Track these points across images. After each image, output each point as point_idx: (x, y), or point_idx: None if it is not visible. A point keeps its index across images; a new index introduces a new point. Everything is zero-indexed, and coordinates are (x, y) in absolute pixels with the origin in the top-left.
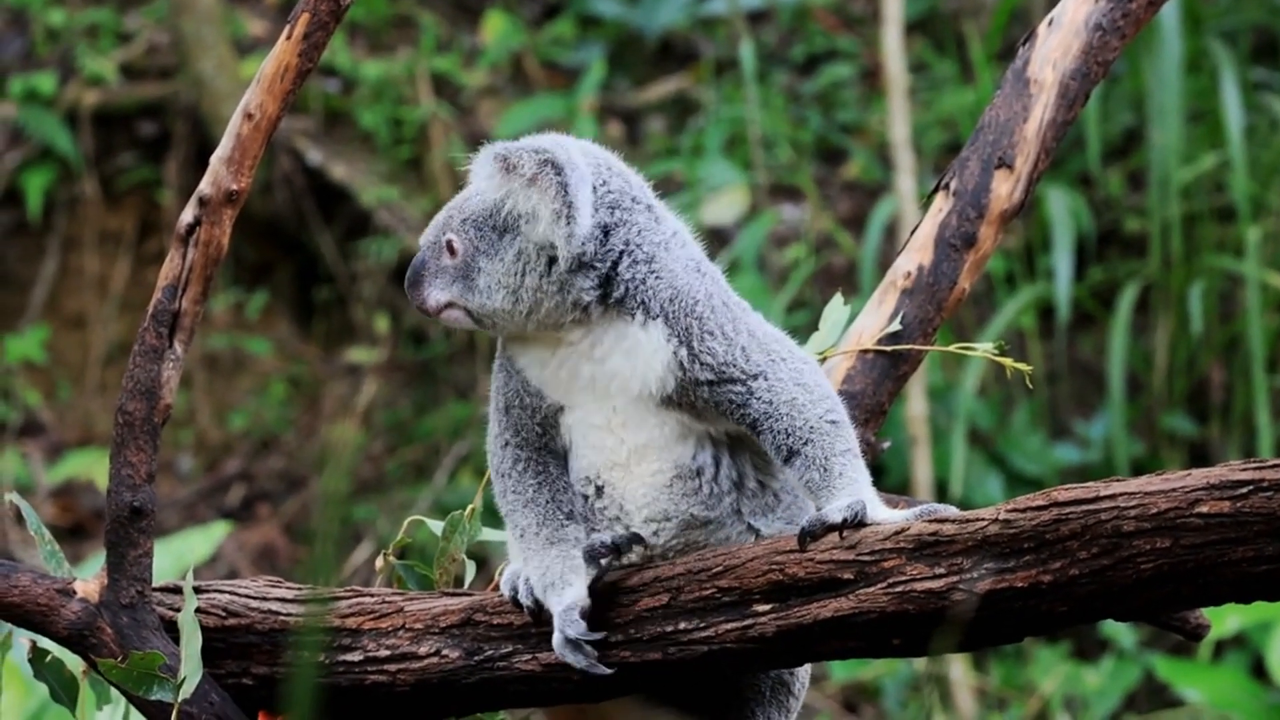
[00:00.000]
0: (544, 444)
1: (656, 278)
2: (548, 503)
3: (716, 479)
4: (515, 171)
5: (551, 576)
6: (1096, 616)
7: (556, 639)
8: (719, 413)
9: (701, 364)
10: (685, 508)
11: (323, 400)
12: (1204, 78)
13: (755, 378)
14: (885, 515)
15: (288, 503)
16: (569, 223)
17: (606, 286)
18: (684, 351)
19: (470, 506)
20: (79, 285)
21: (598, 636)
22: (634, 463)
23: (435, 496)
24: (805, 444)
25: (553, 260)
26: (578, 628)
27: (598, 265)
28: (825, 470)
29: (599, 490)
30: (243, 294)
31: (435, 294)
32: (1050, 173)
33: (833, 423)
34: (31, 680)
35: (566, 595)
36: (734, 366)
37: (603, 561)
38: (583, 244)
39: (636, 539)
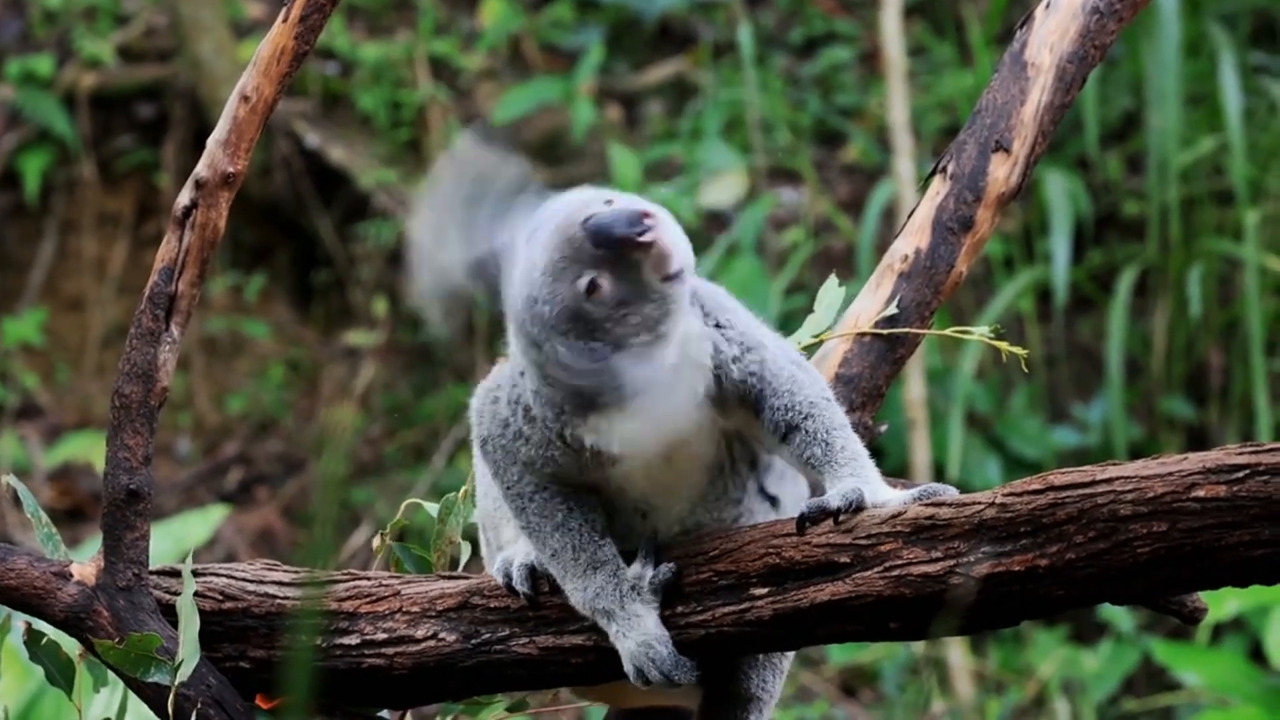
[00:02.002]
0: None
1: None
2: (581, 525)
3: (736, 470)
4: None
5: (605, 603)
6: (1094, 600)
7: (655, 676)
8: (737, 394)
9: (728, 339)
10: (717, 514)
11: (321, 383)
12: (1203, 61)
13: (764, 347)
14: (885, 495)
15: (286, 486)
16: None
17: None
18: (714, 331)
19: (464, 488)
20: (77, 268)
21: (693, 677)
22: (678, 481)
23: (434, 479)
24: (805, 419)
25: None
26: (685, 673)
27: None
28: (827, 445)
29: (644, 516)
30: (241, 277)
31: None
32: (1049, 156)
33: (828, 399)
34: (28, 663)
35: (647, 625)
36: (749, 336)
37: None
38: None
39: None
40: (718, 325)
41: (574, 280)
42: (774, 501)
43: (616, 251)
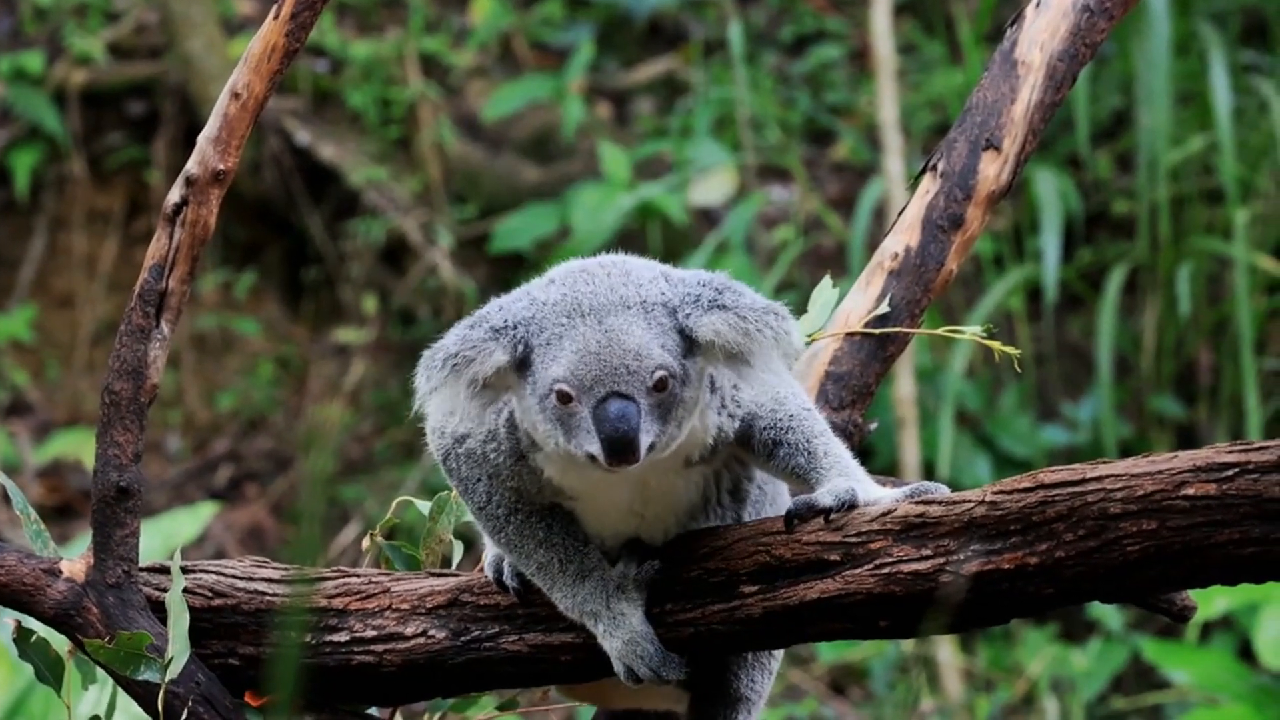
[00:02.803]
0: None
1: None
2: (565, 539)
3: (720, 502)
4: None
5: (593, 605)
6: (1083, 598)
7: (644, 673)
8: (729, 443)
9: (732, 415)
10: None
11: (311, 380)
12: (1193, 60)
13: (769, 397)
14: (875, 494)
15: (276, 483)
16: None
17: None
18: (719, 412)
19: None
20: (67, 265)
21: (684, 675)
22: (654, 524)
23: (423, 477)
24: (787, 431)
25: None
26: (674, 669)
27: None
28: (810, 453)
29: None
30: (231, 274)
31: (644, 440)
32: (1039, 154)
33: (807, 410)
34: (18, 660)
35: (632, 623)
36: (752, 399)
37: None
38: None
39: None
40: (721, 405)
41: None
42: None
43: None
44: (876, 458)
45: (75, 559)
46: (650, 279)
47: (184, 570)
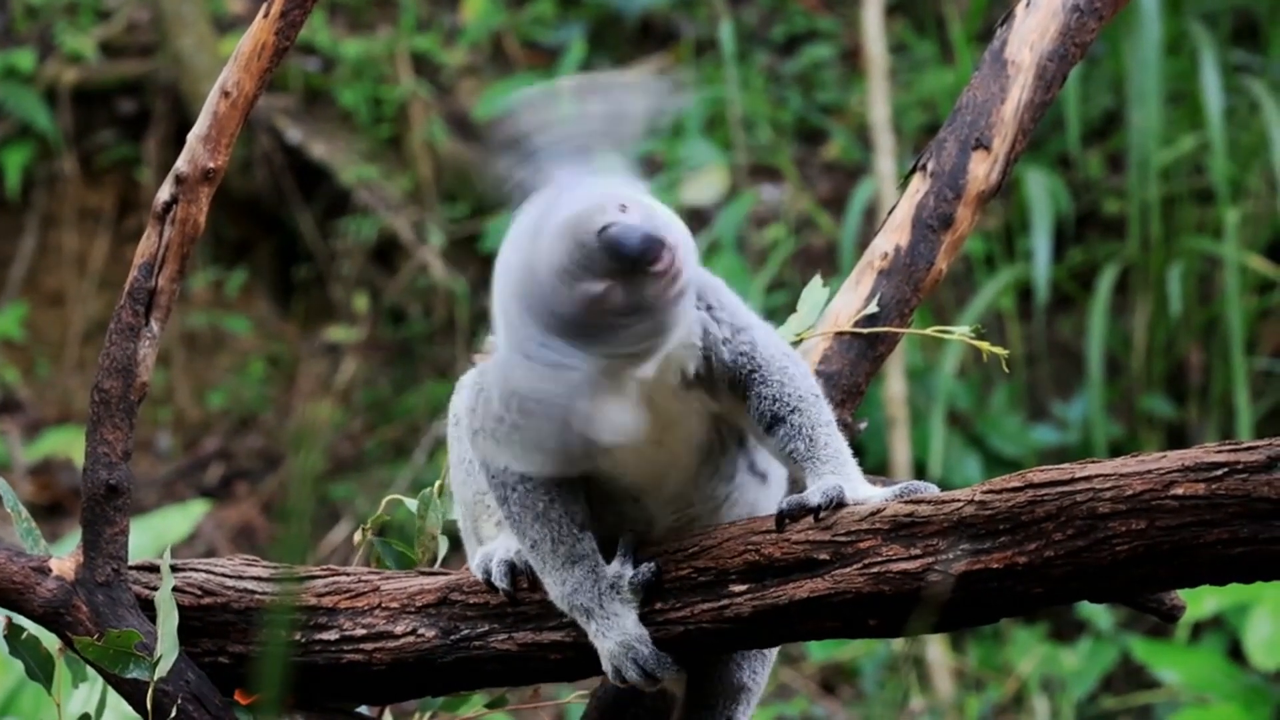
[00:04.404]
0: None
1: None
2: (561, 518)
3: (726, 448)
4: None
5: (583, 600)
6: (1073, 598)
7: (633, 676)
8: (727, 376)
9: (718, 319)
10: (710, 491)
11: (301, 379)
12: (1184, 59)
13: (753, 328)
14: (866, 493)
15: (266, 481)
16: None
17: None
18: (705, 313)
19: (439, 483)
20: (57, 263)
21: (674, 673)
22: (670, 463)
23: (414, 475)
24: (792, 411)
25: None
26: (667, 669)
27: None
28: (811, 440)
29: (636, 500)
30: (222, 272)
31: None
32: (1029, 154)
33: (816, 395)
34: (8, 658)
35: (626, 625)
36: (739, 318)
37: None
38: None
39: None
40: (709, 307)
41: (580, 285)
42: (763, 478)
43: (629, 267)
44: (867, 457)
45: (65, 557)
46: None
47: (174, 568)
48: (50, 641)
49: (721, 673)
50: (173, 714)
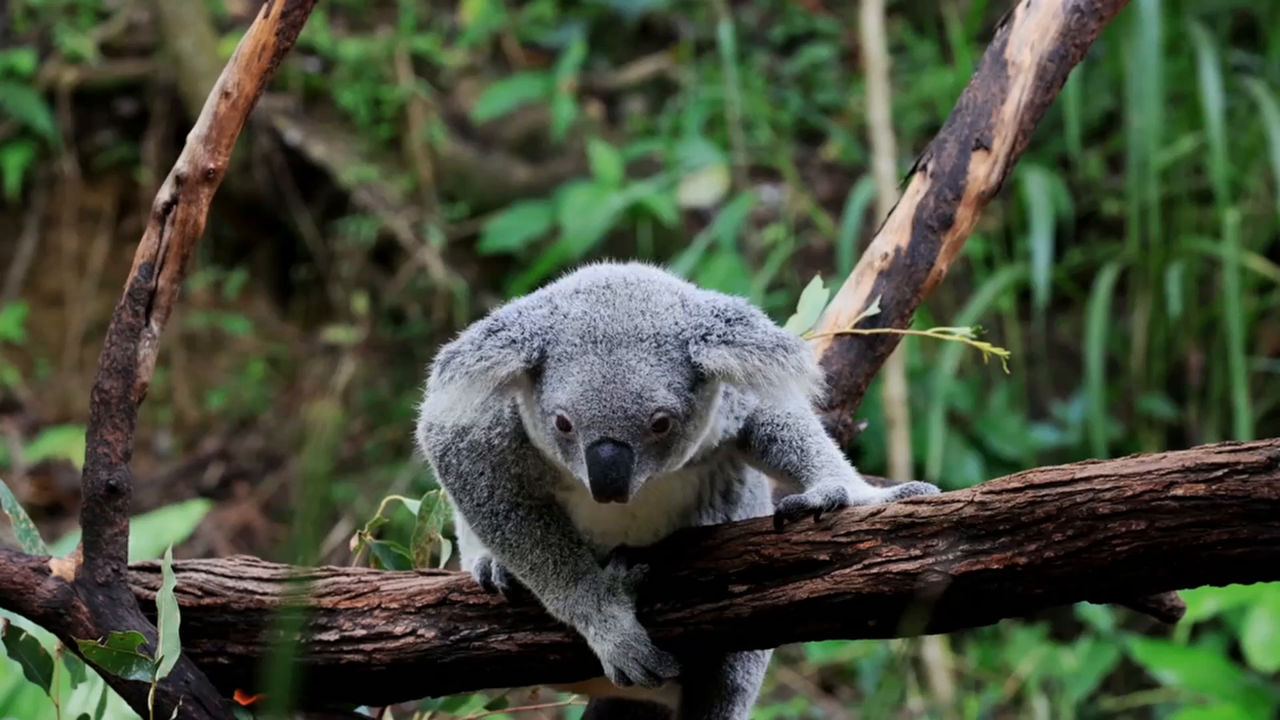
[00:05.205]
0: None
1: None
2: (561, 540)
3: (711, 504)
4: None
5: (583, 608)
6: (1072, 598)
7: (636, 675)
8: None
9: (736, 416)
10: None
11: (301, 379)
12: (1183, 60)
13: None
14: (865, 495)
15: (266, 482)
16: None
17: None
18: (730, 420)
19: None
20: (57, 263)
21: (676, 671)
22: (645, 525)
23: (414, 476)
24: (781, 428)
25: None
26: (668, 667)
27: None
28: (802, 451)
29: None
30: (221, 273)
31: (636, 482)
32: (1029, 155)
33: (803, 408)
34: (7, 659)
35: (623, 625)
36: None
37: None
38: None
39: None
40: (730, 410)
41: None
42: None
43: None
44: (866, 457)
45: (65, 557)
46: (668, 306)
47: (174, 569)
48: (49, 642)
49: (716, 675)
50: (173, 715)
